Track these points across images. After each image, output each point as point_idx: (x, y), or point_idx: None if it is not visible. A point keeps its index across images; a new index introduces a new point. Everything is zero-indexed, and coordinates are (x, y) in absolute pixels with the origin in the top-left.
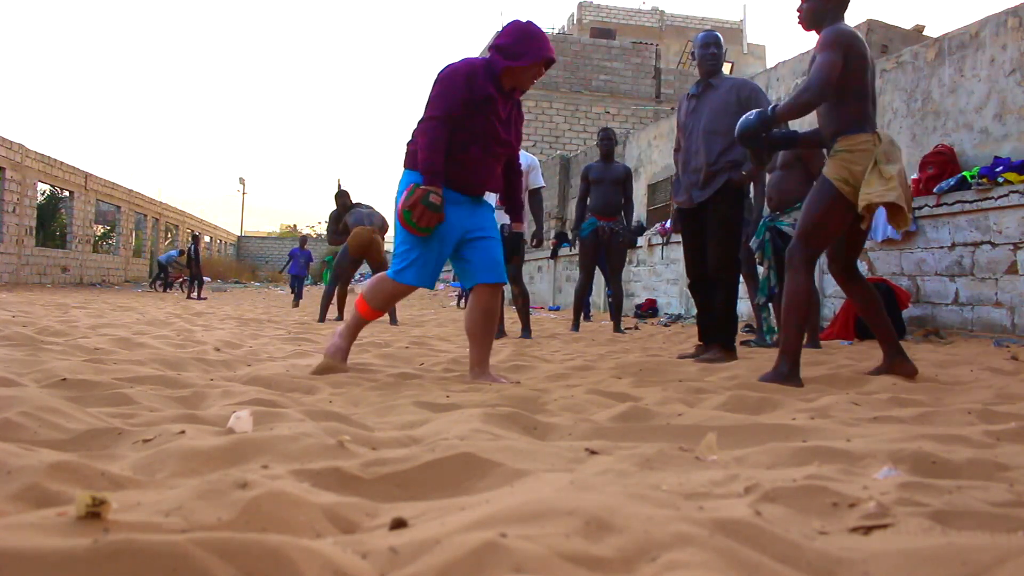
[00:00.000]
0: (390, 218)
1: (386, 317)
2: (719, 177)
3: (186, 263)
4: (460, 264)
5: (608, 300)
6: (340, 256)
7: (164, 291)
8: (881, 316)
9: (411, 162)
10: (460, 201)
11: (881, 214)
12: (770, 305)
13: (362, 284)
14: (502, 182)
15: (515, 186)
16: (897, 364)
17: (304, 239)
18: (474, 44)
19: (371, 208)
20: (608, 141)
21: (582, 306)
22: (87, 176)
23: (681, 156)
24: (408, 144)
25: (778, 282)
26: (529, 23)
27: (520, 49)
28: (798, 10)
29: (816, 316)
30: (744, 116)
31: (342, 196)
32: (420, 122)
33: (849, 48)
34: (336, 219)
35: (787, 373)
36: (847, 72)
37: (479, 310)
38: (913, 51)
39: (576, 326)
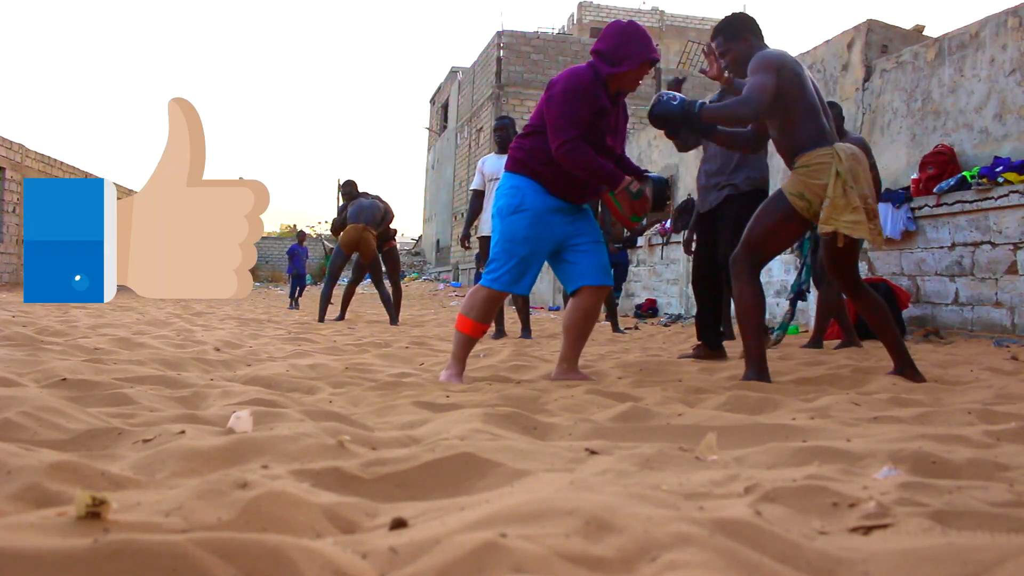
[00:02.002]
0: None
1: (386, 317)
2: (732, 185)
3: None
4: (563, 266)
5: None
6: (334, 254)
7: None
8: (889, 327)
9: (518, 167)
10: (563, 209)
11: (880, 214)
12: (797, 302)
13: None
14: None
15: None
16: (908, 375)
17: (302, 235)
18: (474, 44)
19: (375, 200)
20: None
21: None
22: (87, 176)
23: (703, 164)
24: (515, 150)
25: (808, 280)
26: (630, 23)
27: (622, 54)
28: (717, 64)
29: (845, 316)
30: (666, 98)
31: (347, 185)
32: (558, 145)
33: (780, 68)
34: (341, 210)
35: (754, 379)
36: (786, 92)
37: (581, 310)
38: (913, 51)
39: None
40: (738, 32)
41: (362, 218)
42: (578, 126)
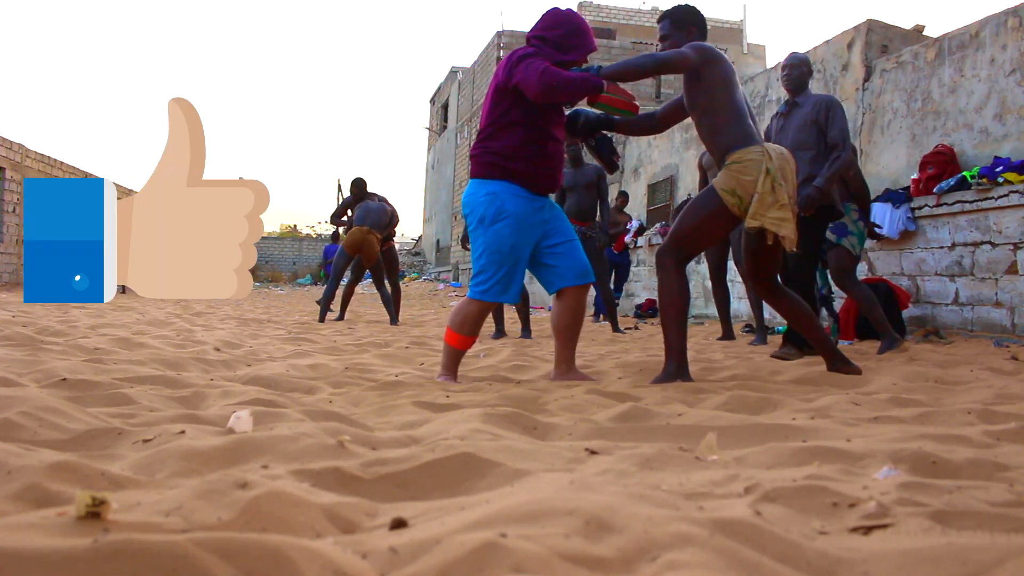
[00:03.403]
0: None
1: (386, 317)
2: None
3: None
4: (541, 270)
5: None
6: (337, 254)
7: None
8: (814, 326)
9: (491, 171)
10: (538, 205)
11: (877, 214)
12: (821, 308)
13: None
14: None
15: None
16: (842, 370)
17: (336, 235)
18: (474, 44)
19: (383, 202)
20: (574, 146)
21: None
22: (87, 176)
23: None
24: (480, 156)
25: (824, 285)
26: (573, 13)
27: (569, 43)
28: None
29: (878, 309)
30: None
31: (357, 184)
32: (537, 79)
33: (712, 60)
34: (345, 204)
35: (674, 372)
36: (714, 89)
37: (569, 310)
38: (913, 51)
39: None
40: (686, 23)
41: (368, 221)
42: (540, 56)
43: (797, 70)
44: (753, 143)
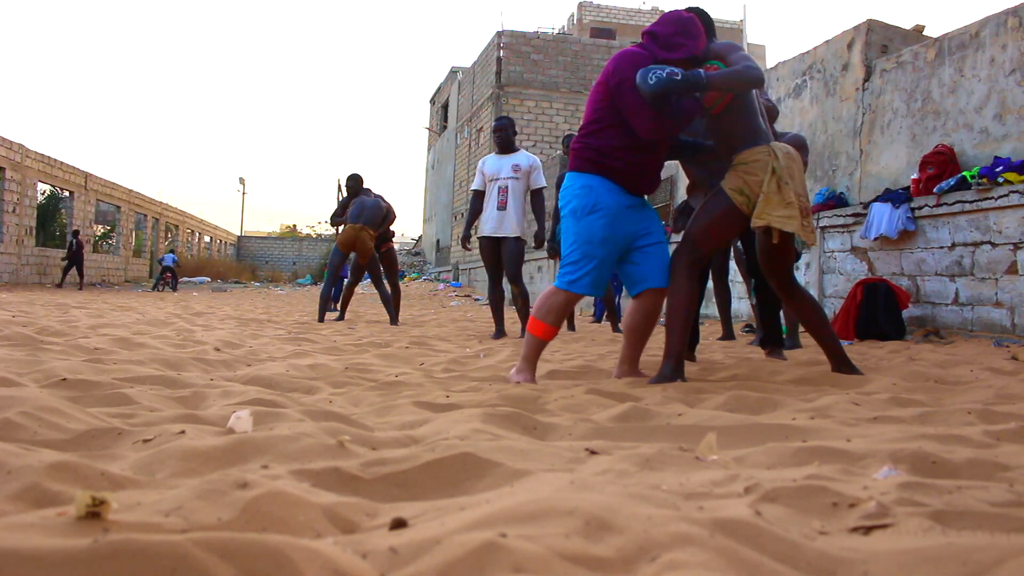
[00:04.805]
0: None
1: (386, 317)
2: None
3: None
4: (627, 267)
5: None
6: (332, 252)
7: (172, 290)
8: (825, 328)
9: (588, 166)
10: (632, 204)
11: (876, 214)
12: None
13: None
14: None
15: None
16: (845, 372)
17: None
18: (474, 44)
19: (378, 200)
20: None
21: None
22: (87, 176)
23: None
24: (580, 151)
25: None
26: (689, 17)
27: (675, 42)
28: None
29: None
30: (665, 72)
31: (352, 180)
32: (646, 122)
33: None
34: (343, 205)
35: (670, 374)
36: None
37: (644, 312)
38: (913, 51)
39: (572, 326)
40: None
41: (362, 218)
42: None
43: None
44: (760, 142)
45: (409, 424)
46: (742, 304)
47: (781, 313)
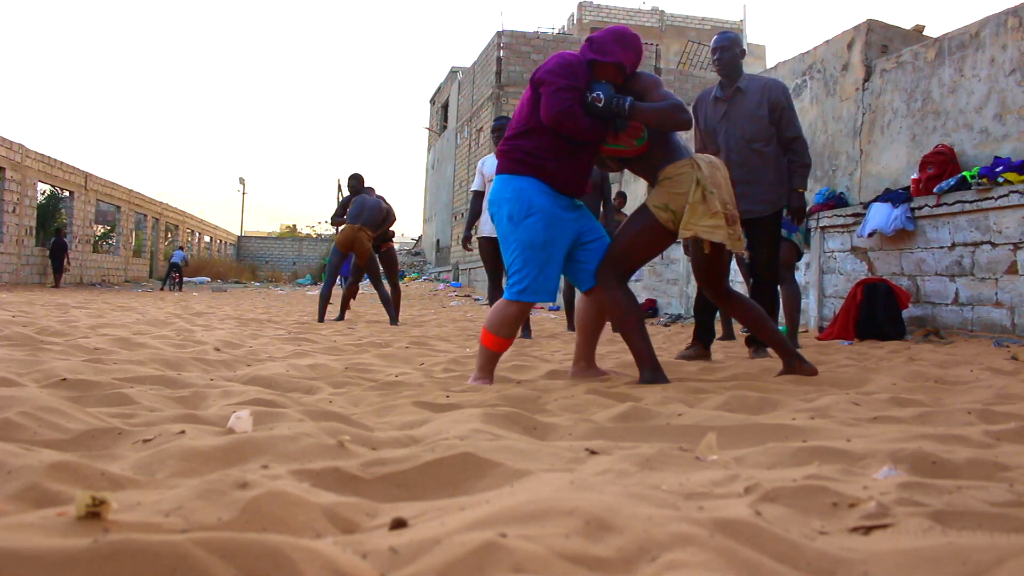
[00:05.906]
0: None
1: (386, 317)
2: (782, 197)
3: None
4: (574, 266)
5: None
6: (331, 252)
7: (179, 290)
8: (767, 327)
9: (518, 167)
10: (567, 206)
11: (873, 212)
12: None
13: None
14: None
15: None
16: (797, 367)
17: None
18: (474, 44)
19: (379, 200)
20: None
21: (573, 307)
22: (87, 176)
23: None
24: (509, 152)
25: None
26: (631, 32)
27: (609, 48)
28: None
29: (771, 320)
30: (590, 98)
31: (353, 179)
32: (559, 102)
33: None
34: (343, 205)
35: (651, 378)
36: None
37: (596, 308)
38: (913, 51)
39: (571, 326)
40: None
41: (362, 219)
42: (574, 87)
43: (728, 52)
44: (681, 155)
45: (409, 424)
46: None
47: (781, 314)
